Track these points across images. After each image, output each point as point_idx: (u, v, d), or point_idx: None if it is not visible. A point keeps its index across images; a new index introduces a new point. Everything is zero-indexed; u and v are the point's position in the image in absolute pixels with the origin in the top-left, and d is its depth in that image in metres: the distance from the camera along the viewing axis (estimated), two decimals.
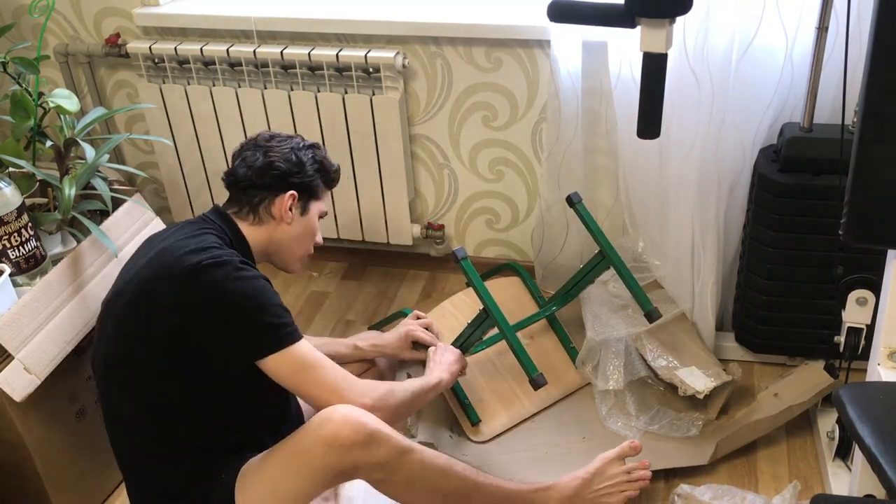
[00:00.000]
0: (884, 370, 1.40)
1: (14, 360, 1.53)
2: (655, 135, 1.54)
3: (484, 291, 1.78)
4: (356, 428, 1.39)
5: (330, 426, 1.39)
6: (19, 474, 1.65)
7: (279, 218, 1.61)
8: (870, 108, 1.26)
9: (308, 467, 1.40)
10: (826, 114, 1.80)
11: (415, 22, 2.08)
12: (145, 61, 2.28)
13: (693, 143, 1.85)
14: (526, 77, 2.10)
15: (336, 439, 1.38)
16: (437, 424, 1.91)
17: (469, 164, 2.29)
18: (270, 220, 1.61)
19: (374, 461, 1.41)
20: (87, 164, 1.71)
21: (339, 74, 2.16)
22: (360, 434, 1.38)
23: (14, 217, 1.59)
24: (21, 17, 2.39)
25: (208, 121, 2.31)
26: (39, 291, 1.60)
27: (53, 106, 1.70)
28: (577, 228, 2.18)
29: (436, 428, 1.90)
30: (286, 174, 1.61)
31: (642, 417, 1.88)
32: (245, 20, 2.18)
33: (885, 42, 1.22)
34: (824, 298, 1.84)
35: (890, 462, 1.13)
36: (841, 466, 1.73)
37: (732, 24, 1.72)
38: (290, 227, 1.62)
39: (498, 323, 1.77)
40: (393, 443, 1.43)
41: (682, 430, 1.84)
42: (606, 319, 1.99)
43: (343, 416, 1.39)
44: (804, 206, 1.77)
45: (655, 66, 1.46)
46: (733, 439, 1.81)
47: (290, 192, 1.61)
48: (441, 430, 1.91)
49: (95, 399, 1.76)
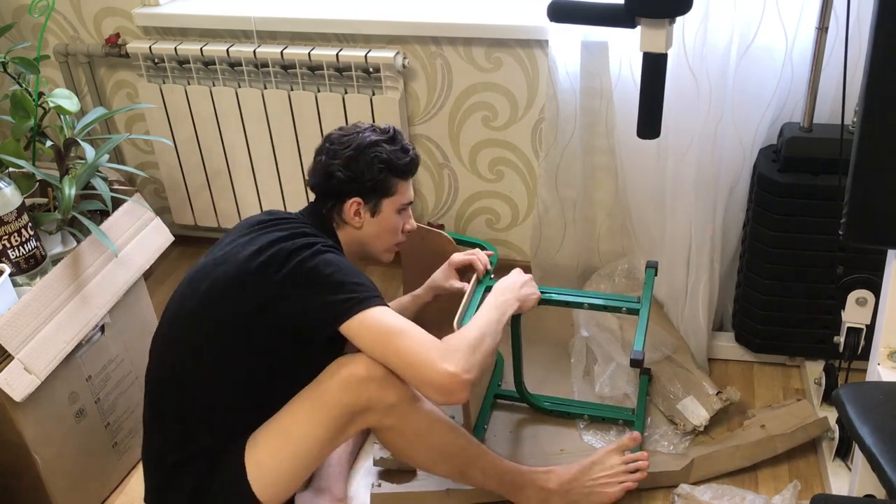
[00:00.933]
0: (884, 370, 1.40)
1: (14, 360, 1.53)
2: (655, 135, 1.54)
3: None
4: (373, 366, 1.43)
5: (348, 367, 1.43)
6: (19, 474, 1.65)
7: (351, 223, 1.62)
8: (870, 108, 1.27)
9: (321, 405, 1.44)
10: (826, 114, 1.81)
11: (415, 22, 2.08)
12: (145, 61, 2.28)
13: (692, 142, 1.85)
14: (526, 77, 2.10)
15: (352, 375, 1.42)
16: None
17: (469, 164, 2.29)
18: (344, 224, 1.63)
19: (387, 401, 1.44)
20: (87, 164, 1.71)
21: (339, 74, 2.16)
22: (377, 370, 1.42)
23: (14, 217, 1.59)
24: (21, 17, 2.39)
25: (208, 121, 2.31)
26: (39, 291, 1.60)
27: (53, 106, 1.70)
28: (574, 229, 2.18)
29: None
30: (345, 182, 1.58)
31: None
32: (245, 20, 2.18)
33: (885, 42, 1.22)
34: (824, 298, 1.84)
35: (890, 462, 1.13)
36: (841, 466, 1.73)
37: (732, 24, 1.72)
38: (362, 230, 1.63)
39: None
40: (404, 387, 1.46)
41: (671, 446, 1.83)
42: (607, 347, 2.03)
43: (359, 357, 1.44)
44: (804, 206, 1.77)
45: (655, 66, 1.47)
46: (711, 461, 1.78)
47: (352, 199, 1.60)
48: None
49: (95, 399, 1.76)
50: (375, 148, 1.59)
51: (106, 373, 1.79)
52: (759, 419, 1.85)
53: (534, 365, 2.02)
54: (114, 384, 1.81)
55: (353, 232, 1.63)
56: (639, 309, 1.72)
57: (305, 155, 2.30)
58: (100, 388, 1.77)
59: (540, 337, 2.14)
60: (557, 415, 1.93)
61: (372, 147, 1.59)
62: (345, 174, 1.58)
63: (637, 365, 1.63)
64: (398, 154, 1.61)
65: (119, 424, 1.84)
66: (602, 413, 1.91)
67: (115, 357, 1.81)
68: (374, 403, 1.44)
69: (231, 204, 2.46)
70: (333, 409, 1.43)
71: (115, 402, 1.82)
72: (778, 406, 1.88)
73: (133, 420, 1.87)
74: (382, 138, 1.61)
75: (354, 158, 1.58)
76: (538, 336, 2.12)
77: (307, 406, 1.45)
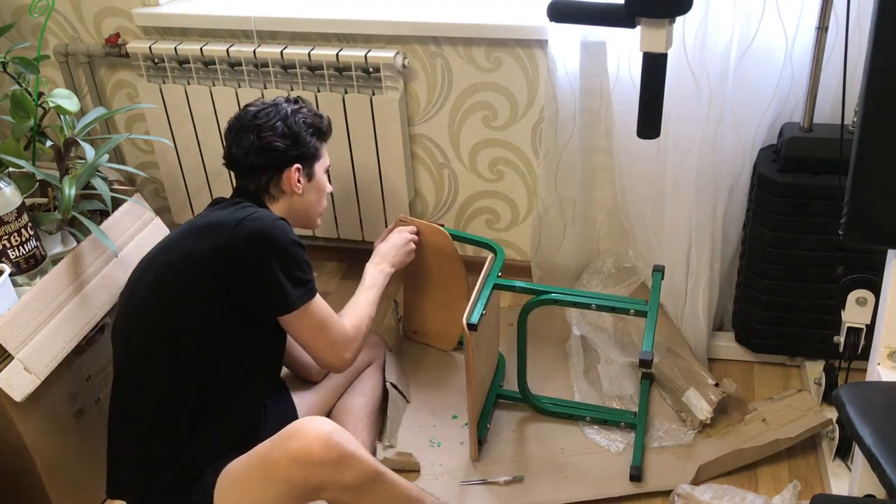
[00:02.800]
0: (883, 370, 1.40)
1: (14, 360, 1.53)
2: (655, 135, 1.54)
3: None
4: (329, 447, 1.36)
5: (299, 441, 1.36)
6: (19, 474, 1.65)
7: (290, 192, 1.66)
8: (870, 108, 1.26)
9: (275, 479, 1.37)
10: (826, 114, 1.81)
11: (415, 22, 2.08)
12: (145, 61, 2.28)
13: (692, 143, 1.85)
14: (526, 77, 2.10)
15: (305, 455, 1.35)
16: (417, 435, 1.92)
17: (469, 164, 2.29)
18: (282, 194, 1.66)
19: (342, 483, 1.38)
20: (87, 164, 1.71)
21: (339, 74, 2.16)
22: (331, 453, 1.36)
23: (14, 217, 1.59)
24: (21, 17, 2.39)
25: (208, 121, 2.31)
26: (39, 291, 1.60)
27: (53, 106, 1.70)
28: (574, 229, 2.18)
29: (415, 437, 1.91)
30: (285, 151, 1.63)
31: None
32: (245, 20, 2.18)
33: (885, 42, 1.22)
34: (824, 298, 1.84)
35: (890, 462, 1.13)
36: (841, 466, 1.73)
37: (732, 24, 1.72)
38: (302, 196, 1.68)
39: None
40: (365, 466, 1.40)
41: (676, 439, 1.85)
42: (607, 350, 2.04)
43: (315, 432, 1.37)
44: (804, 206, 1.77)
45: (655, 67, 1.47)
46: (715, 465, 1.79)
47: (293, 165, 1.65)
48: (420, 438, 1.91)
49: (95, 399, 1.76)
50: (299, 114, 1.67)
51: (106, 373, 1.79)
52: (760, 413, 1.86)
53: (533, 365, 2.02)
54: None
55: (291, 201, 1.68)
56: (647, 311, 1.73)
57: None
58: (100, 388, 1.77)
59: (539, 337, 2.14)
60: (560, 416, 1.94)
61: (296, 114, 1.66)
62: (283, 143, 1.63)
63: (646, 365, 1.63)
64: (318, 118, 1.71)
65: None
66: (604, 415, 1.91)
67: None
68: (327, 484, 1.38)
69: None
70: (284, 484, 1.37)
71: None
72: (779, 398, 1.90)
73: None
74: (297, 106, 1.68)
75: (288, 127, 1.64)
76: (537, 336, 2.12)
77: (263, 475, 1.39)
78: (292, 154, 1.64)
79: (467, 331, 1.68)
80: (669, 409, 1.92)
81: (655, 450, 1.83)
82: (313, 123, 1.68)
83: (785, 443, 1.80)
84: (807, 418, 1.82)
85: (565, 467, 1.81)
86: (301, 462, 1.35)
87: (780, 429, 1.81)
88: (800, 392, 1.89)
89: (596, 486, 1.76)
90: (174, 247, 1.54)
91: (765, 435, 1.81)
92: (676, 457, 1.81)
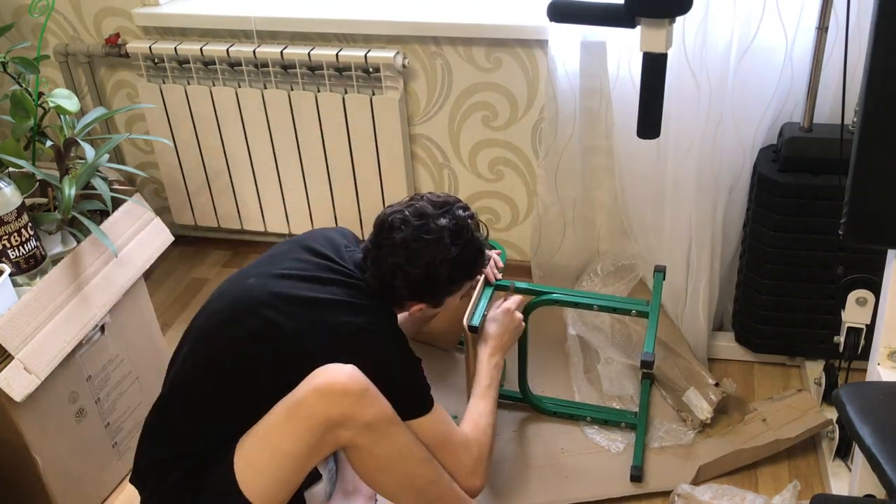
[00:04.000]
0: (884, 370, 1.40)
1: (14, 360, 1.53)
2: (655, 135, 1.54)
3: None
4: (354, 379, 1.38)
5: (324, 376, 1.38)
6: (19, 474, 1.65)
7: (410, 312, 1.61)
8: (870, 107, 1.26)
9: (297, 416, 1.38)
10: (826, 114, 1.81)
11: (415, 22, 2.08)
12: (145, 61, 2.28)
13: (692, 143, 1.85)
14: (526, 77, 2.10)
15: (329, 386, 1.37)
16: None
17: (469, 164, 2.29)
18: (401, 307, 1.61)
19: (363, 418, 1.38)
20: (87, 164, 1.71)
21: (339, 74, 2.16)
22: (356, 385, 1.38)
23: (14, 217, 1.59)
24: (21, 17, 2.39)
25: (208, 121, 2.31)
26: (39, 291, 1.60)
27: (53, 106, 1.70)
28: (574, 229, 2.18)
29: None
30: (409, 295, 1.55)
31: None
32: (245, 20, 2.18)
33: (885, 42, 1.22)
34: (824, 298, 1.84)
35: (890, 462, 1.13)
36: (841, 466, 1.73)
37: (732, 24, 1.72)
38: (423, 313, 1.63)
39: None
40: (385, 406, 1.41)
41: (676, 439, 1.85)
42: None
43: (340, 368, 1.39)
44: (804, 206, 1.77)
45: (655, 67, 1.46)
46: (715, 465, 1.79)
47: (419, 305, 1.57)
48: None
49: (95, 399, 1.76)
50: (449, 258, 1.50)
51: (106, 373, 1.79)
52: (761, 413, 1.86)
53: (534, 365, 2.02)
54: (114, 384, 1.81)
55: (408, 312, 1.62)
56: (648, 312, 1.73)
57: (305, 155, 2.30)
58: (100, 388, 1.78)
59: (539, 337, 2.14)
60: (560, 416, 1.94)
61: (445, 260, 1.49)
62: (409, 292, 1.53)
63: (648, 367, 1.63)
64: (472, 257, 1.55)
65: (119, 424, 1.84)
66: (605, 415, 1.91)
67: (115, 357, 1.81)
68: (349, 418, 1.37)
69: (231, 204, 2.46)
70: (307, 420, 1.37)
71: (115, 403, 1.82)
72: (779, 398, 1.90)
73: (133, 420, 1.87)
74: (455, 255, 1.50)
75: (434, 265, 1.49)
76: (537, 336, 2.12)
77: (285, 414, 1.40)
78: (423, 291, 1.54)
79: (468, 332, 1.68)
80: (670, 408, 1.92)
81: (656, 450, 1.83)
82: (462, 268, 1.53)
83: (785, 443, 1.80)
84: (807, 418, 1.82)
85: (565, 467, 1.81)
86: (325, 393, 1.36)
87: (780, 429, 1.81)
88: (800, 392, 1.89)
89: (596, 487, 1.76)
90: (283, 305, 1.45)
91: (765, 435, 1.81)
92: (677, 457, 1.81)
